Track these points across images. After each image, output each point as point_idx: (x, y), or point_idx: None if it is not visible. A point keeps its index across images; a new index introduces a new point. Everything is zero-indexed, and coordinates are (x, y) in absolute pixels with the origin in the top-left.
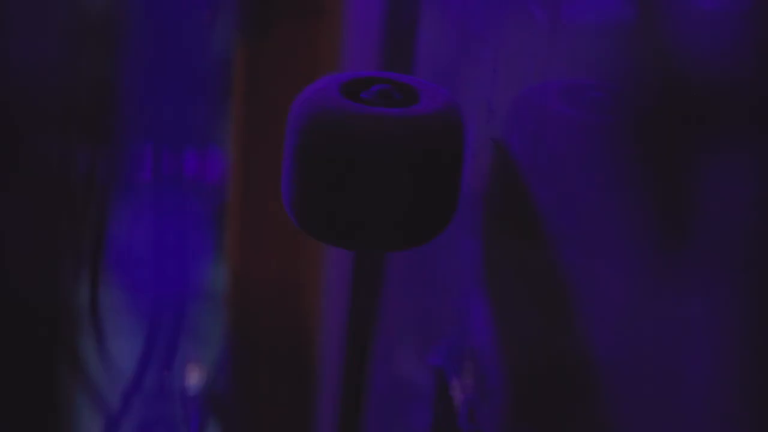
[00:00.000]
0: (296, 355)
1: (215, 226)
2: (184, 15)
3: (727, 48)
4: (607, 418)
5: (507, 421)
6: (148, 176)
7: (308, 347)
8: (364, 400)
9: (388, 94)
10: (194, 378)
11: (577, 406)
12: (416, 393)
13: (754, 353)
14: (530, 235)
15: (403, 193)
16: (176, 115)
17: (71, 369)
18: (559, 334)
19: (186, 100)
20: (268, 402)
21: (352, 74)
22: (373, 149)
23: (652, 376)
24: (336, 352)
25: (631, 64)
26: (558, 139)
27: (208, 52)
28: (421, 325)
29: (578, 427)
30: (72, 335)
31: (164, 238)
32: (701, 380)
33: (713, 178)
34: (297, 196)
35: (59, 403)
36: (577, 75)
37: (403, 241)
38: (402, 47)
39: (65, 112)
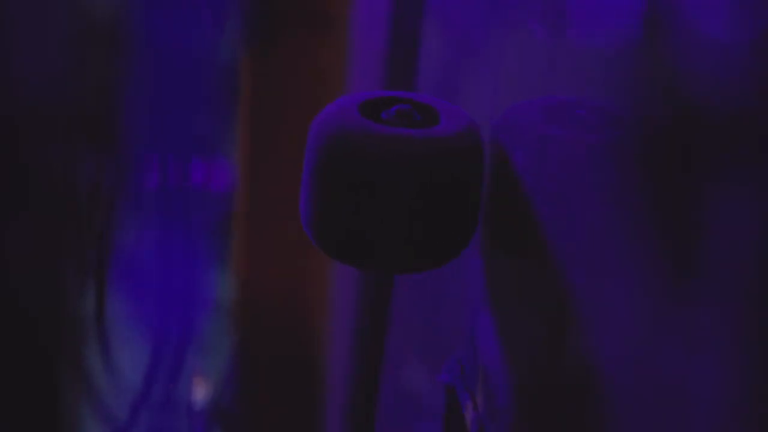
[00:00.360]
0: (303, 368)
1: (222, 236)
2: (190, 25)
3: (731, 75)
4: None
5: None
6: (155, 186)
7: (315, 360)
8: (373, 415)
9: (408, 114)
10: (201, 390)
11: (585, 423)
12: (425, 410)
13: (759, 371)
14: (537, 255)
15: (423, 215)
16: (182, 124)
17: (76, 380)
18: (567, 352)
19: (192, 109)
20: (274, 415)
21: (372, 93)
22: (394, 170)
23: (659, 394)
24: (343, 365)
25: (634, 85)
26: (562, 156)
27: (215, 63)
28: (431, 343)
29: None
30: (77, 346)
31: (170, 249)
32: (707, 398)
33: (717, 198)
34: (316, 216)
35: (64, 415)
36: (578, 93)
37: (423, 262)
38: (405, 62)
39: (71, 122)
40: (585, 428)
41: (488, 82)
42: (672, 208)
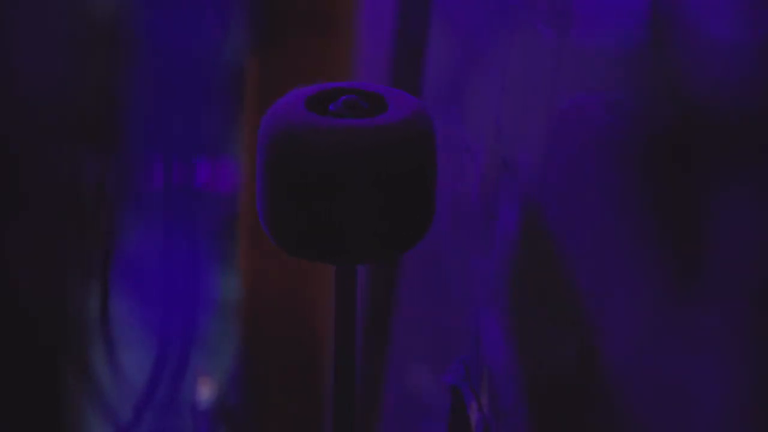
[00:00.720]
0: (307, 368)
1: (226, 237)
2: (195, 25)
3: (736, 77)
4: None
5: None
6: (159, 186)
7: (319, 360)
8: (378, 415)
9: (354, 104)
10: (205, 391)
11: (591, 424)
12: (430, 411)
13: (763, 371)
14: (543, 256)
15: (375, 204)
16: (187, 125)
17: (81, 381)
18: (572, 352)
19: (197, 110)
20: (278, 415)
21: (319, 86)
22: (339, 161)
23: (667, 395)
24: None
25: (639, 86)
26: (569, 156)
27: (219, 63)
28: (435, 343)
29: None
30: (81, 347)
31: (174, 249)
32: (716, 398)
33: (721, 199)
34: (269, 213)
35: (68, 415)
36: (583, 94)
37: (380, 252)
38: (410, 62)
39: (74, 122)
40: (592, 427)
41: (494, 82)
42: (676, 208)
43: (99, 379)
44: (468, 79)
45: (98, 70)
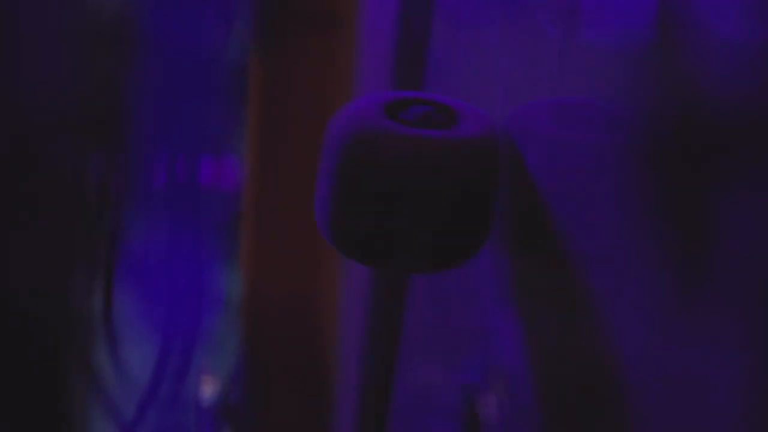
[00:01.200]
0: (312, 366)
1: (230, 235)
2: (198, 23)
3: (745, 75)
4: None
5: None
6: (163, 184)
7: (324, 358)
8: (386, 414)
9: (428, 115)
10: (209, 388)
11: (606, 423)
12: (441, 411)
13: None
14: (553, 254)
15: (441, 216)
16: (191, 122)
17: (84, 379)
18: (587, 351)
19: (201, 107)
20: (282, 413)
21: (393, 94)
22: (413, 171)
23: (681, 394)
24: (354, 363)
25: (647, 86)
26: (575, 157)
27: (224, 60)
28: (446, 342)
29: None
30: (85, 345)
31: (178, 247)
32: (729, 398)
33: (731, 197)
34: (334, 216)
35: (72, 414)
36: (590, 93)
37: (438, 263)
38: (415, 61)
39: (79, 120)
40: (607, 427)
41: (500, 81)
42: (686, 207)
43: (102, 377)
44: (472, 77)
45: (102, 68)
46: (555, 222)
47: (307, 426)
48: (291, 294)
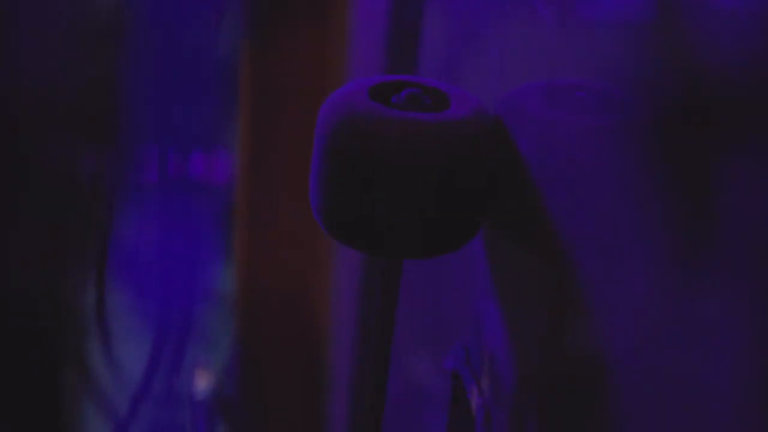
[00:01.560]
0: (306, 359)
1: (223, 229)
2: (190, 18)
3: (746, 47)
4: (623, 422)
5: (523, 425)
6: (155, 178)
7: (318, 351)
8: (381, 405)
9: (418, 98)
10: (202, 382)
11: (593, 410)
12: (431, 398)
13: None
14: (544, 241)
15: (429, 199)
16: (183, 117)
17: (78, 373)
18: (575, 337)
19: (193, 102)
20: (277, 407)
21: (382, 78)
22: (403, 154)
23: (670, 381)
24: (347, 355)
25: (644, 62)
26: (567, 141)
27: (215, 55)
28: (436, 329)
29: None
30: (78, 339)
31: (171, 241)
32: (721, 385)
33: (732, 178)
34: (325, 200)
35: (65, 408)
36: (587, 74)
37: (428, 248)
38: (406, 48)
39: (71, 115)
40: (593, 413)
41: (493, 66)
42: (683, 191)
43: (95, 371)
44: (465, 63)
45: (94, 63)
46: (547, 207)
47: (301, 418)
48: (284, 288)
